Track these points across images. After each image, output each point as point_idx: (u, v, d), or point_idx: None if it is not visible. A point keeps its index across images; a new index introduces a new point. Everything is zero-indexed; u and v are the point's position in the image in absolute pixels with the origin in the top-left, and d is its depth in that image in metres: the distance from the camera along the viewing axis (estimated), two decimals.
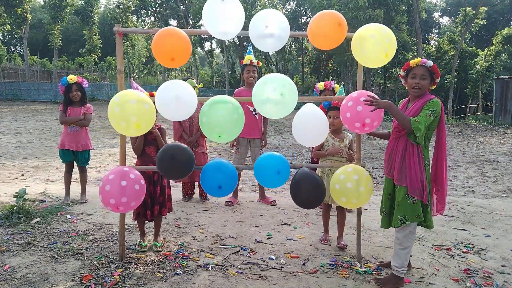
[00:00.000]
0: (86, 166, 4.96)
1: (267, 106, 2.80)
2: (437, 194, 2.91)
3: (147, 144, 3.38)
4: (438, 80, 2.86)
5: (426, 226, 2.86)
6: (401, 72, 2.95)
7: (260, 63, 4.81)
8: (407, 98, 2.98)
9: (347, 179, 2.97)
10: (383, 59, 2.85)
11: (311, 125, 2.97)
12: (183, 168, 2.80)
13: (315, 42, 2.98)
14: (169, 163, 2.76)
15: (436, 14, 39.78)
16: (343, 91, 3.77)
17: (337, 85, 4.17)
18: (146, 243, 3.42)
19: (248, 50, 4.91)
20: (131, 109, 2.67)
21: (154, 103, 2.82)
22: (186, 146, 2.87)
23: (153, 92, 3.31)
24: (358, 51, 2.89)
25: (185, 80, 4.84)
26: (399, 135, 2.83)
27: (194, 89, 4.82)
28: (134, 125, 2.70)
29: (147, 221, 3.49)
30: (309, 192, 2.94)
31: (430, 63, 2.79)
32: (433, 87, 2.89)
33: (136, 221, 3.47)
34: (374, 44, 2.78)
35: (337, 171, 3.10)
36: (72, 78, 4.66)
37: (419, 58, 2.86)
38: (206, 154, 5.00)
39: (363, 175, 3.00)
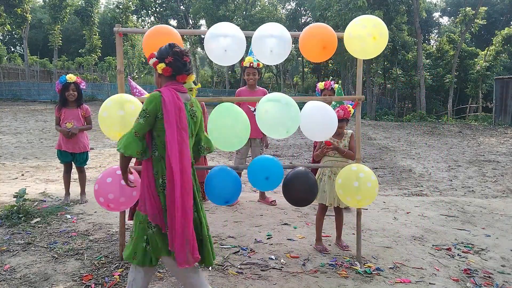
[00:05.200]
0: (85, 166, 4.96)
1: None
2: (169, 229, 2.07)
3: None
4: (154, 61, 2.24)
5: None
6: None
7: (261, 64, 4.76)
8: None
9: (366, 178, 2.99)
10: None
11: (320, 119, 2.96)
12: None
13: (305, 56, 3.14)
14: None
15: (436, 14, 39.73)
16: (341, 91, 3.76)
17: (336, 85, 4.17)
18: None
19: (249, 51, 4.86)
20: (117, 119, 2.70)
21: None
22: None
23: None
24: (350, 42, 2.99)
25: None
26: None
27: (192, 89, 4.82)
28: (116, 134, 2.76)
29: None
30: (300, 190, 2.97)
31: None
32: (160, 72, 2.26)
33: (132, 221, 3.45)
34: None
35: (352, 168, 3.07)
36: (71, 77, 4.66)
37: None
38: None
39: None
